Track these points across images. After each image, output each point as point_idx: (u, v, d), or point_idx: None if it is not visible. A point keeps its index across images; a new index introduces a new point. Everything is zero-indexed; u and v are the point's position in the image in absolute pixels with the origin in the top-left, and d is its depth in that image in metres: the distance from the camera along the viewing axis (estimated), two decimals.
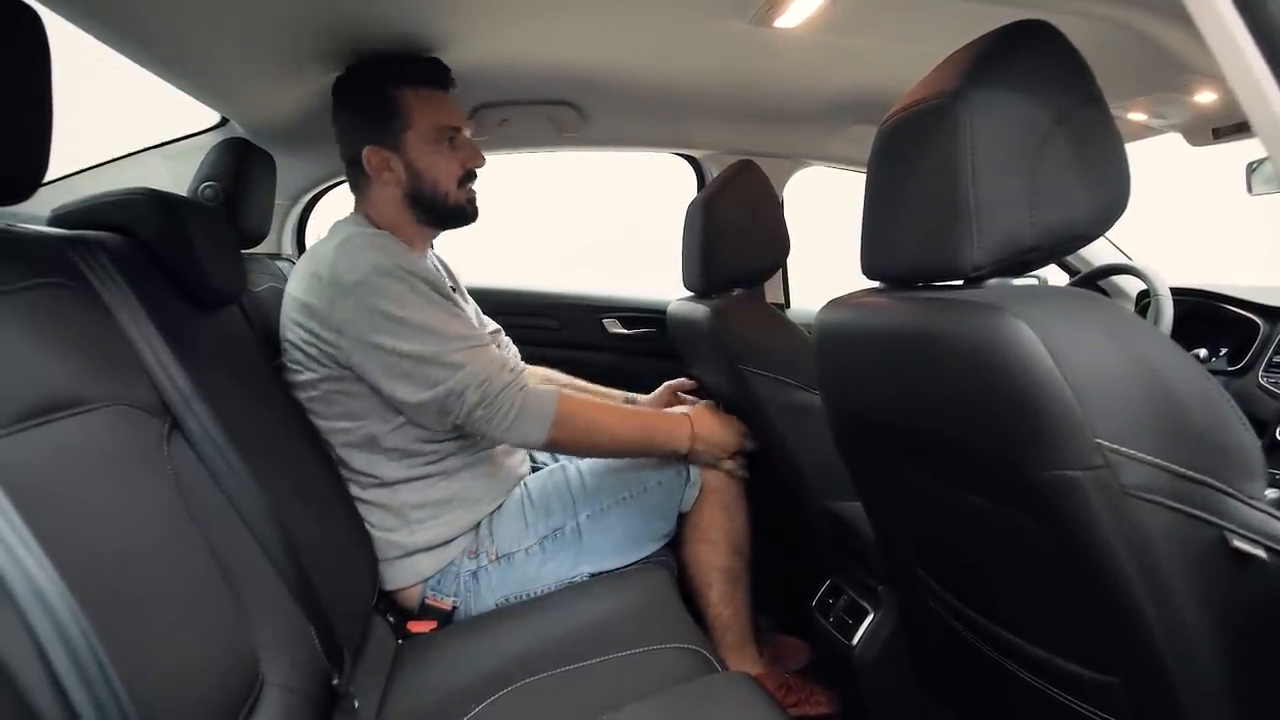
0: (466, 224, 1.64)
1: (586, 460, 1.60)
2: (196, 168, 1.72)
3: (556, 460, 1.93)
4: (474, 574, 1.51)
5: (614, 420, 1.53)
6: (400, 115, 1.51)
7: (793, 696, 1.67)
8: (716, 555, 1.60)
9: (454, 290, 1.70)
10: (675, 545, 1.65)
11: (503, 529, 1.54)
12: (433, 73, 1.54)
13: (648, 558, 1.59)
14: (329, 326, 1.40)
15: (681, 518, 1.62)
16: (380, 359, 1.38)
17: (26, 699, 0.55)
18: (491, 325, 1.94)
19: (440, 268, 1.76)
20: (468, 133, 1.60)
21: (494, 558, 1.51)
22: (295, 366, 1.48)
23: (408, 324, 1.37)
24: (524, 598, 1.52)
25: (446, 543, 1.51)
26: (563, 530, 1.52)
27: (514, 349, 1.95)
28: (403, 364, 1.37)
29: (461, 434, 1.50)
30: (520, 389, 1.41)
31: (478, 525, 1.56)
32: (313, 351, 1.43)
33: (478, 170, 1.61)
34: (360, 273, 1.38)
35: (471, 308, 1.80)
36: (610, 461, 1.58)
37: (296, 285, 1.48)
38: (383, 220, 1.55)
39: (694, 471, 1.56)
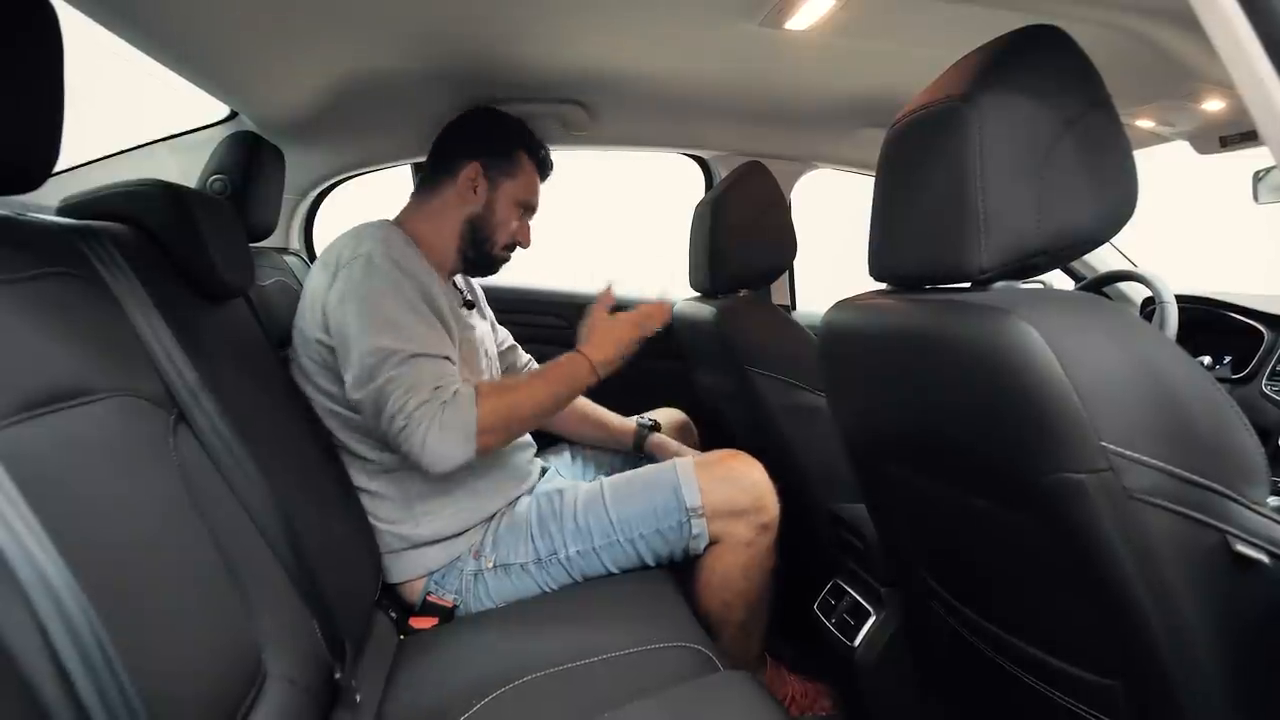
0: (484, 275, 1.76)
1: (586, 491, 1.57)
2: (204, 161, 1.73)
3: (565, 452, 1.96)
4: (475, 575, 1.51)
5: (528, 396, 1.48)
6: (514, 166, 1.67)
7: (795, 708, 1.67)
8: (730, 612, 1.55)
9: (469, 306, 1.73)
10: (685, 579, 1.58)
11: (504, 539, 1.54)
12: (547, 164, 1.75)
13: None
14: (326, 310, 1.44)
15: (691, 559, 1.56)
16: (343, 341, 1.41)
17: (32, 688, 0.55)
18: (508, 340, 1.96)
19: (460, 285, 1.81)
20: (532, 219, 1.75)
21: (491, 565, 1.51)
22: (306, 360, 1.51)
23: (376, 315, 1.39)
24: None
25: (454, 536, 1.52)
26: (556, 556, 1.51)
27: (536, 368, 1.96)
28: (356, 350, 1.39)
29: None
30: (440, 404, 1.35)
31: (487, 522, 1.56)
32: (319, 335, 1.46)
33: (520, 247, 1.74)
34: (355, 254, 1.44)
35: (486, 324, 1.84)
36: (607, 501, 1.53)
37: (311, 275, 1.53)
38: (424, 231, 1.61)
39: (696, 524, 1.49)
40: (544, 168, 1.74)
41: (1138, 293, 2.13)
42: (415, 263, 1.50)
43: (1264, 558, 0.71)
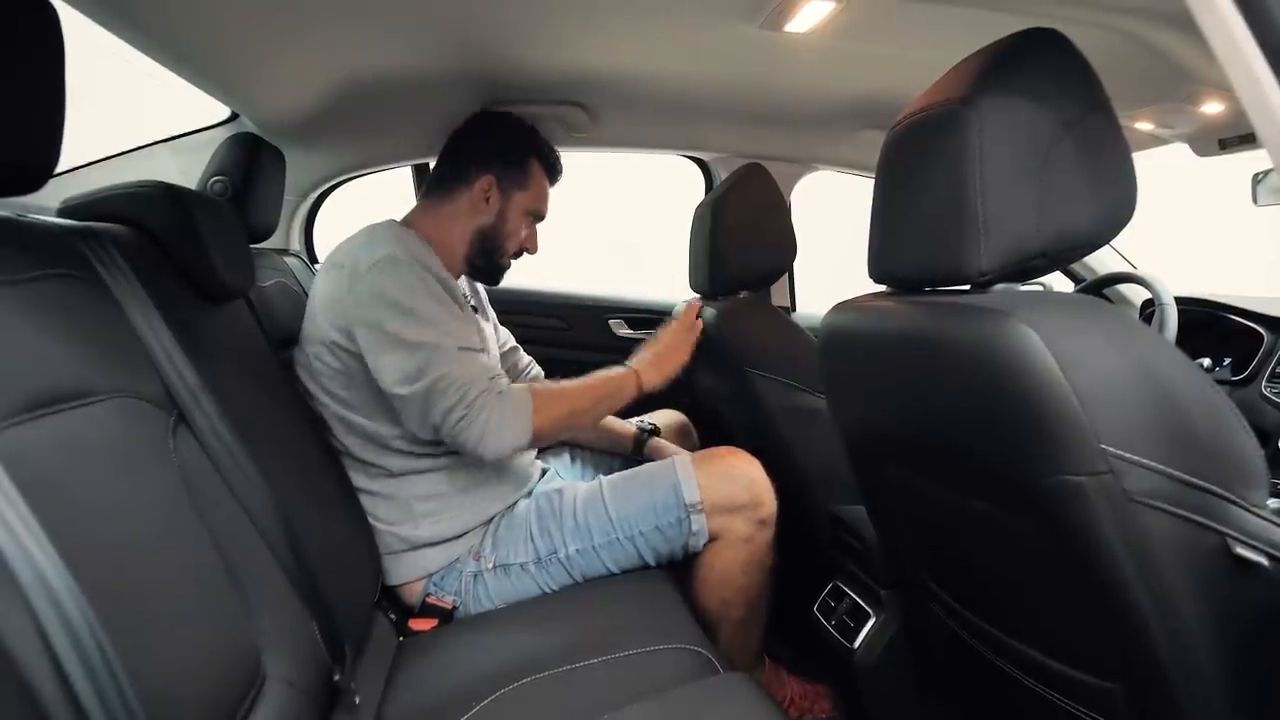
0: (490, 283, 1.79)
1: (585, 490, 1.57)
2: (205, 162, 1.73)
3: (564, 454, 1.96)
4: (475, 576, 1.51)
5: (577, 398, 1.54)
6: (526, 177, 1.68)
7: (795, 710, 1.67)
8: (729, 609, 1.55)
9: (474, 310, 1.73)
10: (684, 579, 1.57)
11: (504, 539, 1.53)
12: (557, 169, 1.76)
13: None
14: (345, 312, 1.43)
15: (691, 556, 1.55)
16: (379, 341, 1.40)
17: (31, 689, 0.55)
18: (510, 341, 1.96)
19: (465, 289, 1.80)
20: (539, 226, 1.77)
21: (491, 566, 1.51)
22: (314, 361, 1.50)
23: (413, 313, 1.39)
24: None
25: (454, 538, 1.52)
26: (555, 555, 1.51)
27: (537, 370, 1.99)
28: (397, 350, 1.38)
29: (446, 447, 1.47)
30: (498, 394, 1.40)
31: (486, 524, 1.56)
32: (335, 337, 1.45)
33: (527, 254, 1.77)
34: (376, 258, 1.43)
35: (490, 325, 1.84)
36: (606, 499, 1.53)
37: (322, 277, 1.52)
38: (434, 234, 1.60)
39: (696, 520, 1.49)
40: (554, 173, 1.75)
41: (1137, 295, 2.13)
42: (427, 255, 1.50)
43: (1264, 560, 0.71)
